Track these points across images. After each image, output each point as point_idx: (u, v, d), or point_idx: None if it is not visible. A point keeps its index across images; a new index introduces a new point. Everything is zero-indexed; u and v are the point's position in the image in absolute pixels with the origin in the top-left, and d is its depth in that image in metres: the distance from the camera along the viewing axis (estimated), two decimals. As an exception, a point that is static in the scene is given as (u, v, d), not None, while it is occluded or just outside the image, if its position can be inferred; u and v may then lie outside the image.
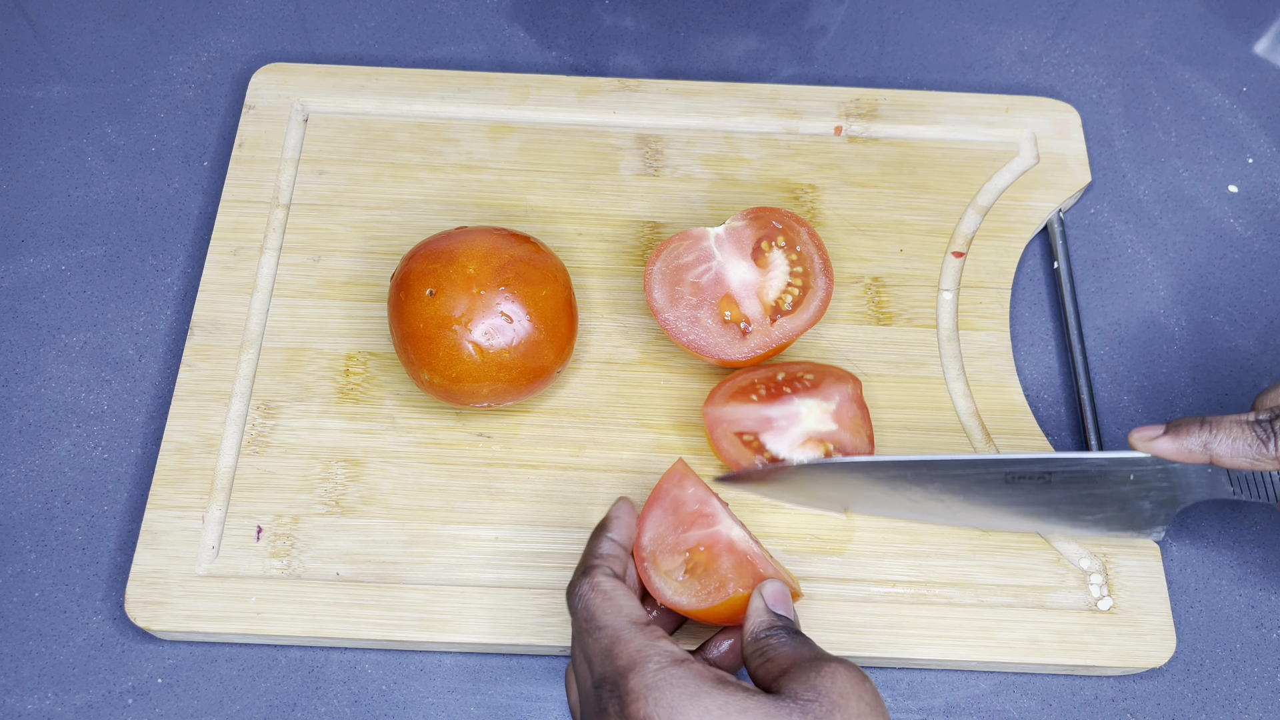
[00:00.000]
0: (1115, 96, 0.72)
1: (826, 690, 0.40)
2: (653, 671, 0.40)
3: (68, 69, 0.71)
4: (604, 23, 0.74)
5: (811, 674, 0.41)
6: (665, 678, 0.39)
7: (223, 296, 0.61)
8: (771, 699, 0.40)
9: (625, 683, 0.40)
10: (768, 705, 0.39)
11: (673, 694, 0.39)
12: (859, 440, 0.55)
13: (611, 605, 0.43)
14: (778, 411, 0.56)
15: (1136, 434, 0.49)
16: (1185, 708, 0.54)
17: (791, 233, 0.58)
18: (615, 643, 0.42)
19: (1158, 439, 0.48)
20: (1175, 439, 0.48)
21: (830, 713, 0.39)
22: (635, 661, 0.40)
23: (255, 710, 0.52)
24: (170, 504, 0.55)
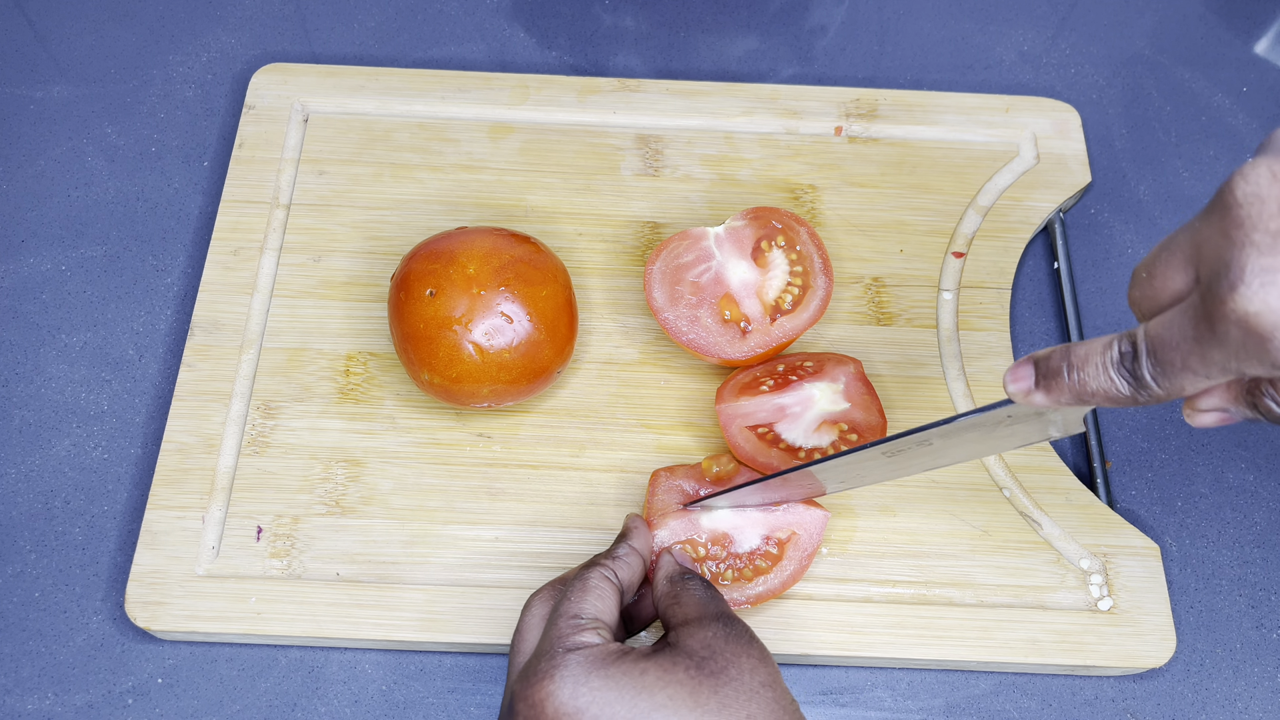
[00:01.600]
0: (1115, 96, 0.72)
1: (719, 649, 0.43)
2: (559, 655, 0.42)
3: (68, 69, 0.71)
4: (604, 23, 0.74)
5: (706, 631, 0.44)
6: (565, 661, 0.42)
7: (223, 296, 0.61)
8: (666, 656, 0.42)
9: (535, 666, 0.42)
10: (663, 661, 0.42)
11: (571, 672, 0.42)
12: (871, 416, 0.56)
13: (578, 597, 0.45)
14: (790, 399, 0.56)
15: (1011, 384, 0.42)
16: (1185, 708, 0.54)
17: (791, 232, 0.58)
18: (549, 629, 0.44)
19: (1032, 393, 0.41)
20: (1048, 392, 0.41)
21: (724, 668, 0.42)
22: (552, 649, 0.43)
23: (255, 710, 0.52)
24: (170, 504, 0.55)
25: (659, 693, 0.41)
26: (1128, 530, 0.56)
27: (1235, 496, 0.59)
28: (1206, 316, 0.35)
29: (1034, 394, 0.41)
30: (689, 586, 0.48)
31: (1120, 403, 0.40)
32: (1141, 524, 0.58)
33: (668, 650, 0.43)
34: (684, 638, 0.44)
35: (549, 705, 0.41)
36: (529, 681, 0.42)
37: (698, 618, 0.45)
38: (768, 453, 0.55)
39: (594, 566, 0.47)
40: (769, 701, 0.42)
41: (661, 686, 0.41)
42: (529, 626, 0.46)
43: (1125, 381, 0.39)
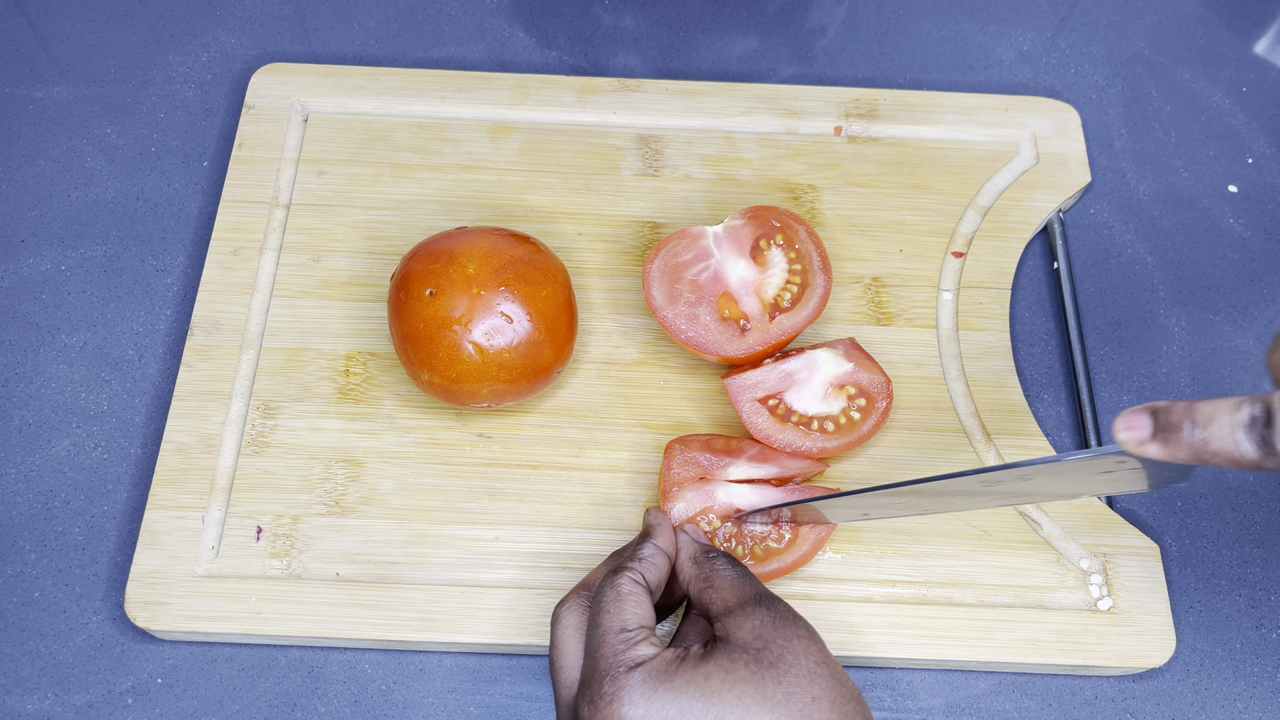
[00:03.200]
0: (1115, 96, 0.72)
1: (771, 637, 0.43)
2: (620, 674, 0.42)
3: (68, 69, 0.71)
4: (604, 23, 0.74)
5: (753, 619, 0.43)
6: (629, 681, 0.42)
7: (223, 296, 0.61)
8: (723, 655, 0.42)
9: (598, 687, 0.42)
10: (722, 661, 0.42)
11: (639, 692, 0.41)
12: (875, 376, 0.57)
13: (616, 607, 0.45)
14: (797, 364, 0.56)
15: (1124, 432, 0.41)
16: (1185, 708, 0.54)
17: (790, 231, 0.58)
18: (600, 647, 0.43)
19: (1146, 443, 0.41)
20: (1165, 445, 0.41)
21: (781, 655, 0.42)
22: (609, 669, 0.42)
23: (255, 710, 0.52)
24: (170, 504, 0.55)
25: (726, 694, 0.41)
26: (1128, 530, 0.56)
27: (1235, 496, 0.59)
28: None
29: (1148, 445, 0.41)
30: (717, 568, 0.47)
31: (1242, 466, 0.39)
32: (1141, 524, 0.58)
33: (721, 648, 0.43)
34: (732, 629, 0.43)
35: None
36: (597, 706, 0.41)
37: (739, 604, 0.45)
38: (783, 429, 0.55)
39: (622, 572, 0.46)
40: (828, 679, 0.42)
41: (728, 688, 0.41)
42: (567, 640, 0.46)
43: (1255, 446, 0.39)
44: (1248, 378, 0.62)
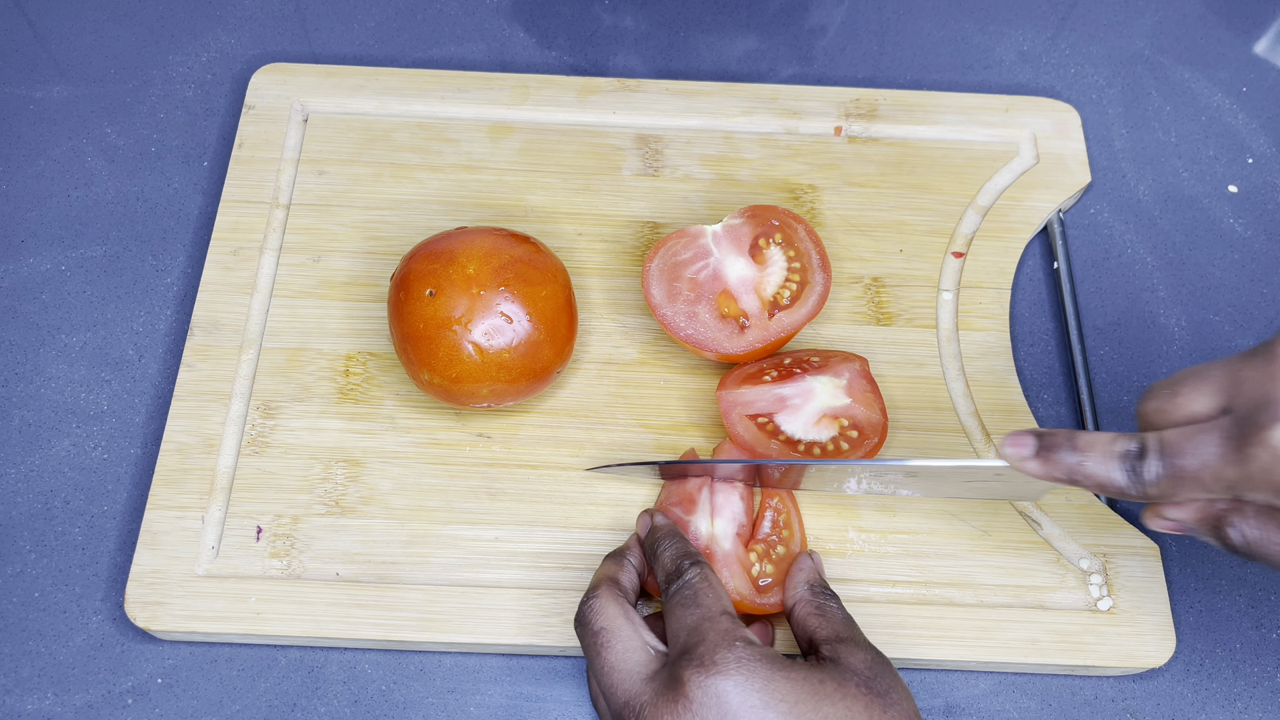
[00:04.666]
0: (1115, 96, 0.72)
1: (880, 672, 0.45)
2: (739, 648, 0.44)
3: (68, 69, 0.71)
4: (604, 23, 0.74)
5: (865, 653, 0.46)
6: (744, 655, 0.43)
7: (223, 296, 0.61)
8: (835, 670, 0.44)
9: (710, 655, 0.43)
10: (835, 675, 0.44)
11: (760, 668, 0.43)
12: (872, 414, 0.56)
13: (714, 592, 0.47)
14: (791, 390, 0.56)
15: (1009, 447, 0.46)
16: (1185, 708, 0.54)
17: (789, 230, 0.58)
18: (705, 620, 0.45)
19: (1027, 459, 0.45)
20: (1043, 463, 0.45)
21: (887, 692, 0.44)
22: (723, 641, 0.44)
23: (255, 710, 0.52)
24: (170, 504, 0.55)
25: (838, 703, 0.43)
26: (1127, 530, 0.56)
27: (1235, 496, 0.59)
28: (1239, 439, 0.40)
29: (1029, 462, 0.45)
30: (830, 603, 0.50)
31: (1109, 491, 0.44)
32: (1141, 524, 0.58)
33: (833, 665, 0.45)
34: (844, 654, 0.46)
35: (735, 697, 0.42)
36: (708, 670, 0.43)
37: (850, 638, 0.47)
38: (767, 444, 0.55)
39: (700, 564, 0.48)
40: None
41: (840, 698, 0.43)
42: (618, 625, 0.46)
43: (1125, 475, 0.43)
44: (1248, 378, 0.62)
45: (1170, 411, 0.43)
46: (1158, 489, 0.42)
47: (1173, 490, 0.42)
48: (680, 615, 0.46)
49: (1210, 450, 0.41)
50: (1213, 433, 0.41)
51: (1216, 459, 0.41)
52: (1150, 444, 0.43)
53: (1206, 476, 0.41)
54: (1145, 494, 0.43)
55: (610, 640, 0.46)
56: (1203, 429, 0.41)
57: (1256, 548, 0.42)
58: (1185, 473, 0.42)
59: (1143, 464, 0.42)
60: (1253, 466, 0.40)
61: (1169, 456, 0.42)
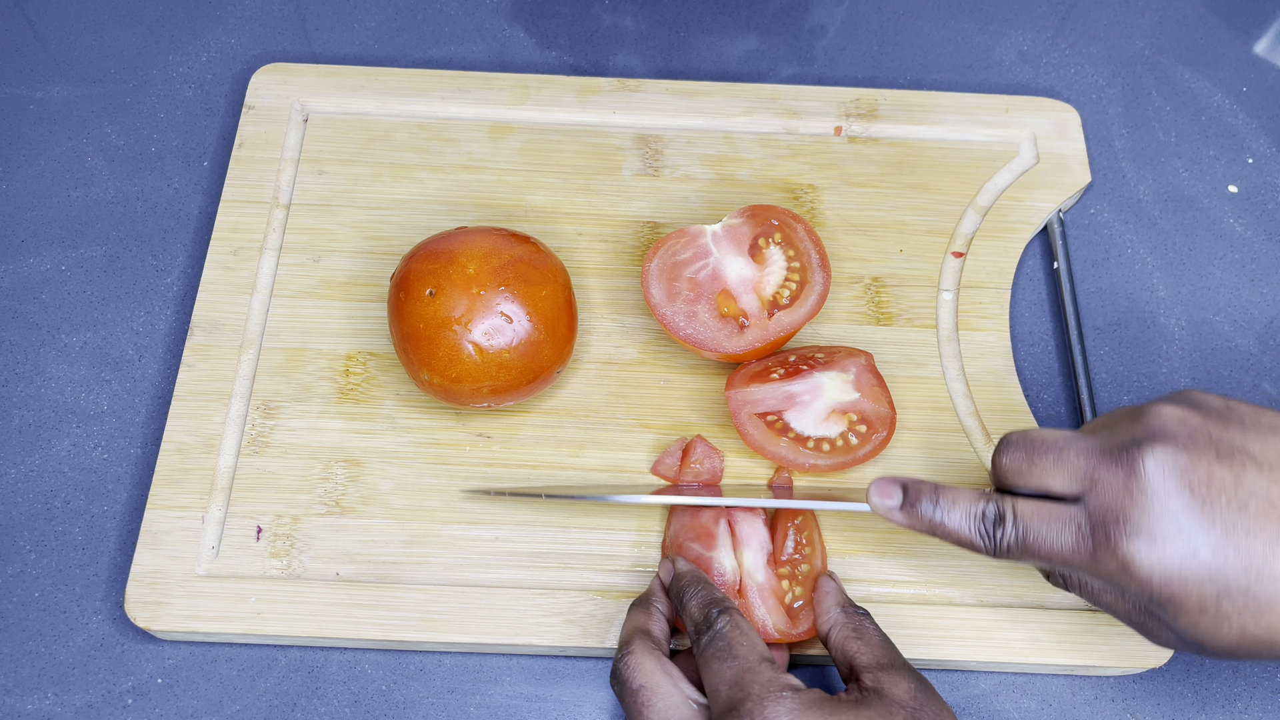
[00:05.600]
0: (1115, 96, 0.72)
1: (924, 702, 0.45)
2: (786, 699, 0.43)
3: (68, 69, 0.71)
4: (604, 23, 0.74)
5: (908, 681, 0.45)
6: (792, 705, 0.43)
7: (223, 296, 0.61)
8: (880, 705, 0.44)
9: (759, 709, 0.43)
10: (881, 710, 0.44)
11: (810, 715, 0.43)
12: (881, 408, 0.56)
13: (748, 640, 0.46)
14: (800, 386, 0.56)
15: (875, 496, 0.48)
16: (1185, 708, 0.54)
17: (788, 229, 0.58)
18: (746, 673, 0.44)
19: (893, 509, 0.47)
20: (908, 515, 0.47)
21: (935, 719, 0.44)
22: (768, 693, 0.43)
23: (255, 710, 0.52)
24: (170, 504, 0.55)
25: None
26: (1128, 530, 0.56)
27: (1235, 496, 0.59)
28: (1093, 540, 0.43)
29: (894, 513, 0.48)
30: (867, 624, 0.49)
31: (964, 547, 0.47)
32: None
33: (877, 699, 0.44)
34: (886, 685, 0.45)
35: None
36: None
37: (890, 663, 0.47)
38: (776, 442, 0.55)
39: (730, 611, 0.48)
40: None
41: None
42: (657, 681, 0.46)
43: (981, 539, 0.46)
44: (1248, 378, 0.62)
45: (1025, 477, 0.45)
46: (1009, 555, 0.45)
47: (1021, 557, 0.45)
48: (718, 669, 0.45)
49: (1064, 540, 0.44)
50: (1068, 525, 0.44)
51: (1068, 549, 0.44)
52: (1009, 515, 0.45)
53: (1056, 559, 0.44)
54: (997, 555, 0.46)
55: (651, 699, 0.45)
56: (1059, 517, 0.44)
57: (1076, 590, 0.46)
58: (1037, 550, 0.44)
59: (999, 530, 0.45)
60: (1100, 568, 0.43)
61: (1024, 533, 0.45)
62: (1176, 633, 0.43)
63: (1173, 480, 0.41)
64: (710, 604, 0.48)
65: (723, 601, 0.48)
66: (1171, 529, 0.41)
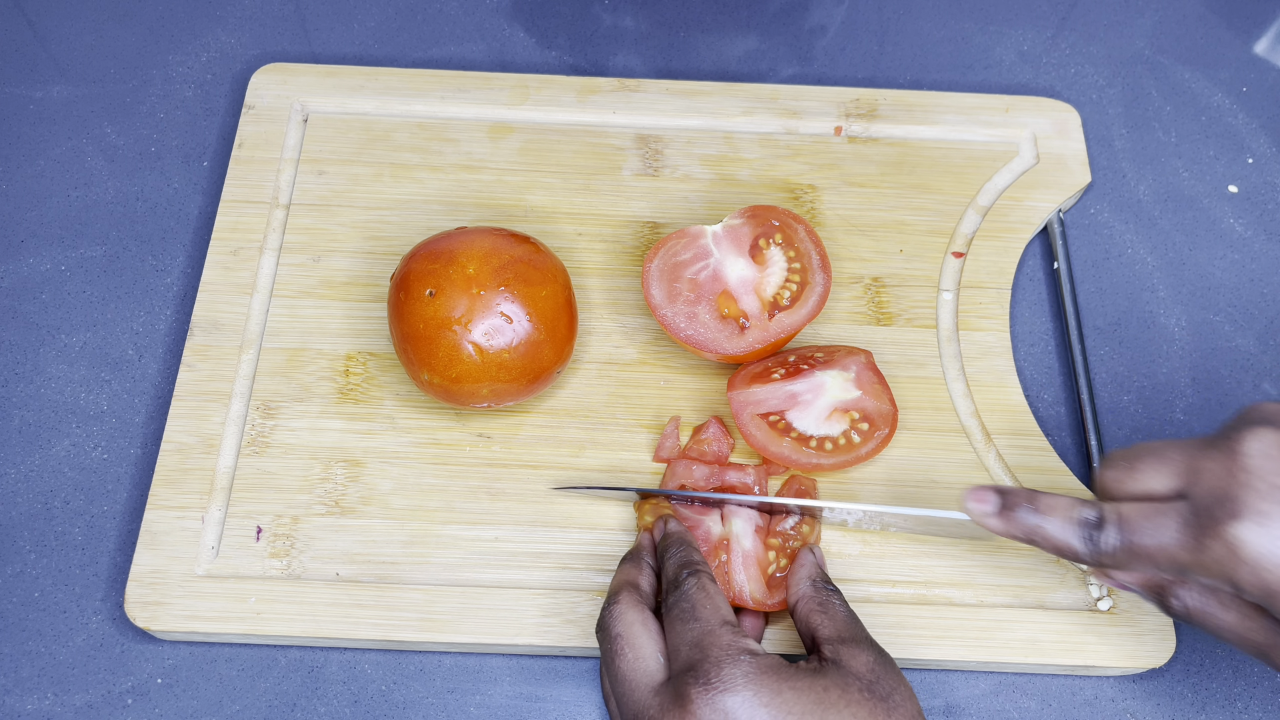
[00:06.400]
0: (1115, 96, 0.72)
1: (882, 675, 0.45)
2: (744, 662, 0.43)
3: (68, 69, 0.71)
4: (604, 23, 0.74)
5: (866, 654, 0.45)
6: (748, 669, 0.43)
7: (223, 296, 0.61)
8: (838, 675, 0.44)
9: (716, 671, 0.43)
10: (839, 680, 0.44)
11: (765, 681, 0.43)
12: (882, 405, 0.56)
13: (711, 603, 0.47)
14: (802, 386, 0.56)
15: (971, 502, 0.47)
16: (1185, 708, 0.54)
17: (789, 230, 0.58)
18: (707, 635, 0.45)
19: (989, 515, 0.46)
20: (1005, 521, 0.46)
21: (890, 694, 0.44)
22: (726, 655, 0.44)
23: (255, 710, 0.52)
24: (170, 504, 0.55)
25: (843, 710, 0.43)
26: (1128, 530, 0.56)
27: (1235, 496, 0.59)
28: (1197, 528, 0.41)
29: (990, 519, 0.47)
30: (833, 600, 0.49)
31: (1063, 555, 0.45)
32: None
33: (835, 669, 0.45)
34: (845, 657, 0.45)
35: (742, 712, 0.42)
36: (713, 687, 0.42)
37: (852, 638, 0.47)
38: (779, 442, 0.55)
39: (699, 573, 0.48)
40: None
41: (845, 705, 0.43)
42: (635, 633, 0.46)
43: (1081, 542, 0.44)
44: (1248, 377, 0.62)
45: (1127, 484, 0.45)
46: (1112, 560, 0.44)
47: (1126, 563, 0.44)
48: (680, 630, 0.46)
49: (1168, 534, 0.42)
50: (1171, 517, 0.42)
51: (1173, 543, 0.42)
52: (1109, 516, 0.44)
53: (1160, 557, 0.43)
54: (1099, 562, 0.44)
55: (624, 648, 0.46)
56: (1161, 510, 0.43)
57: (1196, 617, 0.44)
58: (1141, 550, 0.43)
59: (1100, 534, 0.44)
60: (1206, 557, 0.41)
61: (1127, 532, 0.43)
62: None
63: (1276, 458, 0.40)
64: (683, 565, 0.49)
65: (696, 564, 0.49)
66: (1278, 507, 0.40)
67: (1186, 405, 0.62)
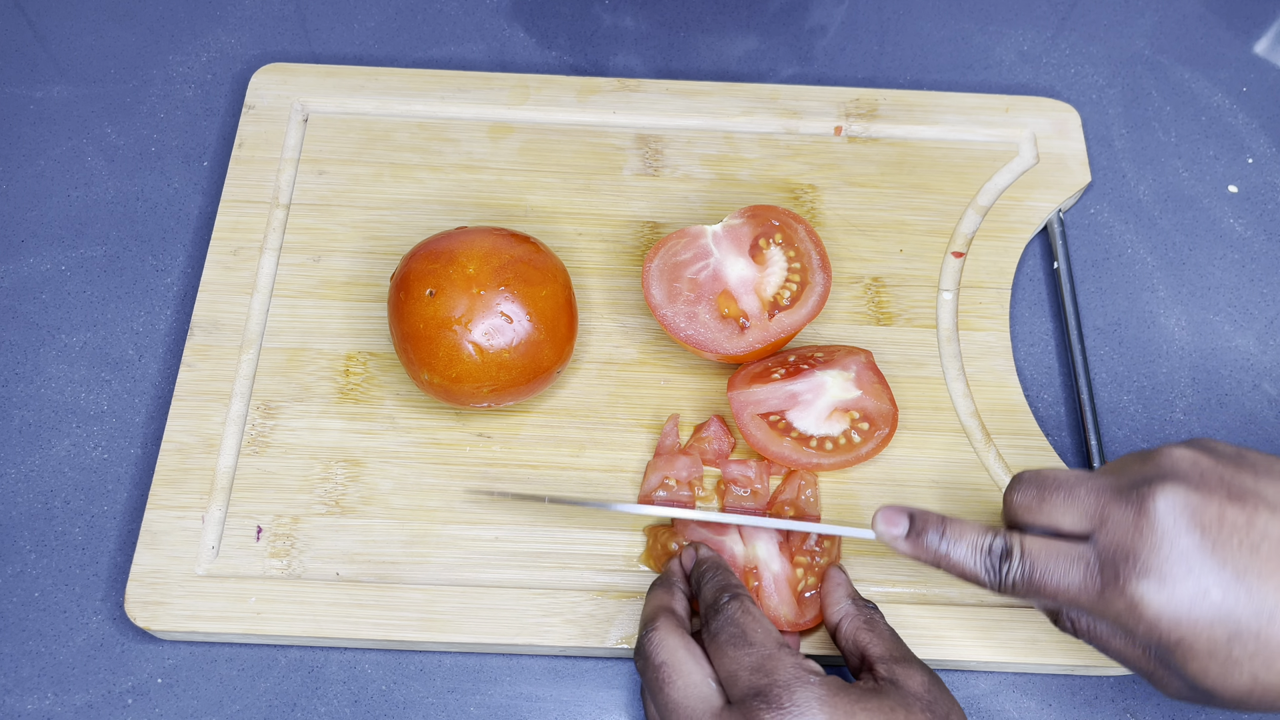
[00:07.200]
0: (1115, 96, 0.72)
1: (938, 695, 0.45)
2: (813, 685, 0.44)
3: (68, 69, 0.71)
4: (604, 23, 0.74)
5: (922, 675, 0.46)
6: (820, 693, 0.43)
7: (223, 296, 0.61)
8: (899, 696, 0.44)
9: (788, 696, 0.43)
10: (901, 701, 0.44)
11: (830, 704, 0.43)
12: (882, 404, 0.56)
13: (761, 626, 0.46)
14: (802, 385, 0.56)
15: (881, 524, 0.47)
16: (1185, 707, 0.54)
17: (789, 230, 0.58)
18: (769, 660, 0.45)
19: (898, 538, 0.47)
20: (912, 545, 0.46)
21: (947, 715, 0.45)
22: (796, 679, 0.44)
23: (255, 710, 0.52)
24: (170, 504, 0.55)
25: None
26: (1128, 530, 0.56)
27: (1235, 496, 0.59)
28: (1100, 580, 0.42)
29: (899, 542, 0.47)
30: (876, 617, 0.50)
31: (969, 581, 0.46)
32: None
33: (895, 690, 0.45)
34: (902, 677, 0.46)
35: None
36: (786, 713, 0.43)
37: (904, 656, 0.47)
38: (779, 442, 0.55)
39: (742, 597, 0.48)
40: None
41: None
42: (680, 659, 0.46)
43: (986, 573, 0.45)
44: (1248, 378, 0.62)
45: (1035, 515, 0.45)
46: (1013, 591, 0.44)
47: (1027, 594, 0.44)
48: (734, 655, 0.45)
49: (1072, 579, 0.43)
50: (1077, 563, 0.43)
51: (1075, 587, 0.43)
52: (1015, 549, 0.44)
53: (1062, 598, 0.43)
54: (1001, 591, 0.45)
55: (673, 676, 0.45)
56: (1067, 554, 0.43)
57: (1085, 636, 0.45)
58: (1043, 588, 0.44)
59: (1006, 565, 0.44)
60: (1107, 608, 0.42)
61: (1031, 569, 0.44)
62: (1186, 680, 0.42)
63: (1184, 519, 0.41)
64: (723, 589, 0.48)
65: (735, 587, 0.48)
66: (1181, 568, 0.40)
67: (1186, 405, 0.62)
